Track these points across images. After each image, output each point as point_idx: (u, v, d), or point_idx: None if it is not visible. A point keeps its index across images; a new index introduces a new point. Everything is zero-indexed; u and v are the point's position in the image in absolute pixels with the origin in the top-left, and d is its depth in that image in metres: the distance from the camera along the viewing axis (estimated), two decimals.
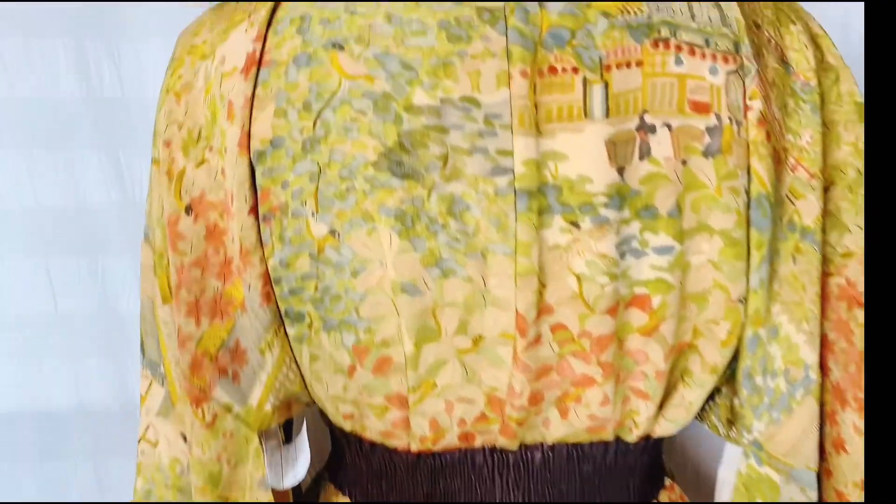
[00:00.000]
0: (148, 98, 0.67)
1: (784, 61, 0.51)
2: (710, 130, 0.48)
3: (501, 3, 0.47)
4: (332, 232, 0.48)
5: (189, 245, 0.51)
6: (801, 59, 0.51)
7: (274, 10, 0.49)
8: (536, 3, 0.47)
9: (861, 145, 0.53)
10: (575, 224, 0.48)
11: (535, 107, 0.47)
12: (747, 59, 0.48)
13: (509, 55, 0.46)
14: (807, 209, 0.51)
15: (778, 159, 0.50)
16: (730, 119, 0.48)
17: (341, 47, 0.47)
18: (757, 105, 0.49)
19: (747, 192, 0.49)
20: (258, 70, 0.48)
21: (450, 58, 0.46)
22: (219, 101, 0.50)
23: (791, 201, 0.51)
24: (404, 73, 0.46)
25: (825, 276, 0.52)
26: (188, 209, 0.51)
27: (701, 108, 0.48)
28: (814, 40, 0.52)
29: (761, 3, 0.51)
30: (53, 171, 0.82)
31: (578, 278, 0.48)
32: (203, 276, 0.51)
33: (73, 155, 0.82)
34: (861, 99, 0.53)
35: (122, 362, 0.83)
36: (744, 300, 0.50)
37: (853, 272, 0.53)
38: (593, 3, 0.47)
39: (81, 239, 0.82)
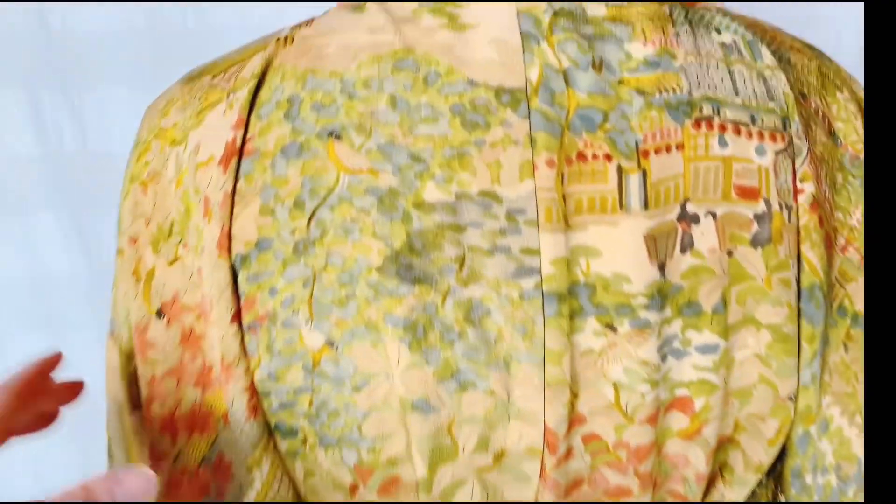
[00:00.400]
0: (115, 153, 0.60)
1: (832, 133, 0.46)
2: (758, 218, 0.43)
3: (522, 84, 0.41)
4: (330, 343, 0.42)
5: (161, 353, 0.45)
6: (850, 129, 0.46)
7: (257, 90, 0.42)
8: (562, 80, 0.41)
9: None
10: (611, 327, 0.42)
11: (563, 198, 0.41)
12: (797, 137, 0.43)
13: (533, 142, 0.40)
14: (858, 293, 0.46)
15: (829, 242, 0.45)
16: (780, 204, 0.43)
17: (338, 137, 0.41)
18: (808, 188, 0.43)
19: (798, 282, 0.44)
20: (239, 161, 0.42)
21: (465, 147, 0.40)
22: (193, 194, 0.43)
23: (841, 285, 0.46)
24: (413, 166, 0.40)
25: None
26: (160, 313, 0.45)
27: (748, 194, 0.43)
28: (861, 108, 0.47)
29: (806, 68, 0.46)
30: (9, 237, 0.74)
31: (615, 386, 0.43)
32: (179, 387, 0.45)
33: (31, 219, 0.74)
34: None
35: (88, 452, 0.75)
36: (794, 397, 0.46)
37: None
38: (626, 77, 0.41)
39: (40, 313, 0.75)
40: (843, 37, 0.75)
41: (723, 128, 0.42)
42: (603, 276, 0.42)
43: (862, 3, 0.71)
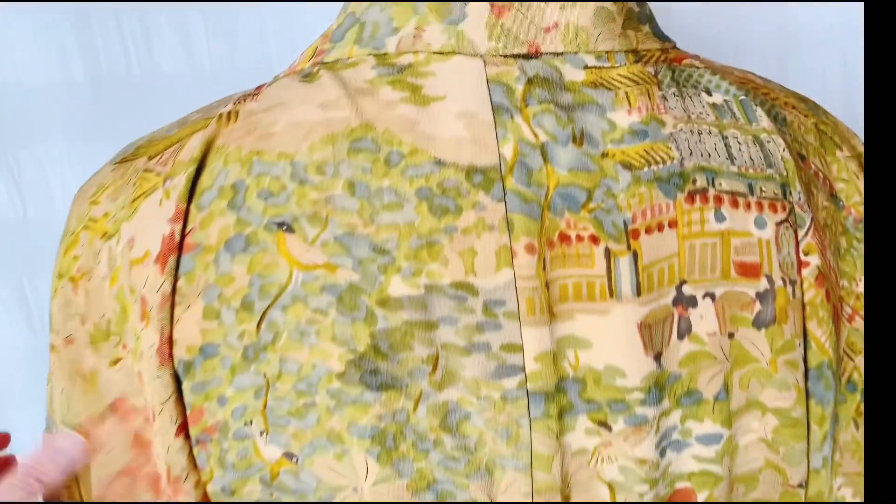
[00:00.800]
0: (56, 220, 0.55)
1: (833, 195, 0.42)
2: (760, 296, 0.39)
3: (496, 161, 0.36)
4: (289, 455, 0.37)
5: (111, 456, 0.40)
6: (852, 190, 0.42)
7: (197, 175, 0.37)
8: (539, 156, 0.36)
9: None
10: (604, 425, 0.38)
11: (546, 286, 0.36)
12: (799, 206, 0.39)
13: (510, 226, 0.36)
14: None
15: (836, 314, 0.41)
16: (783, 280, 0.39)
17: (290, 229, 0.36)
18: (814, 260, 0.39)
19: (805, 361, 0.40)
20: (178, 258, 0.37)
21: (435, 235, 0.36)
22: (128, 294, 0.38)
23: (850, 357, 0.43)
24: (376, 259, 0.35)
25: None
26: (108, 413, 0.40)
27: (749, 271, 0.39)
28: (863, 165, 0.43)
29: (803, 126, 0.42)
30: None
31: (610, 486, 0.39)
32: (132, 488, 0.41)
33: None
34: None
35: None
36: (805, 484, 0.42)
37: None
38: (610, 149, 0.37)
39: None
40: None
41: (719, 200, 0.38)
42: (594, 368, 0.37)
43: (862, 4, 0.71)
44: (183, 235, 0.36)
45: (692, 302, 0.38)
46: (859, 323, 0.43)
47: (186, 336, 0.37)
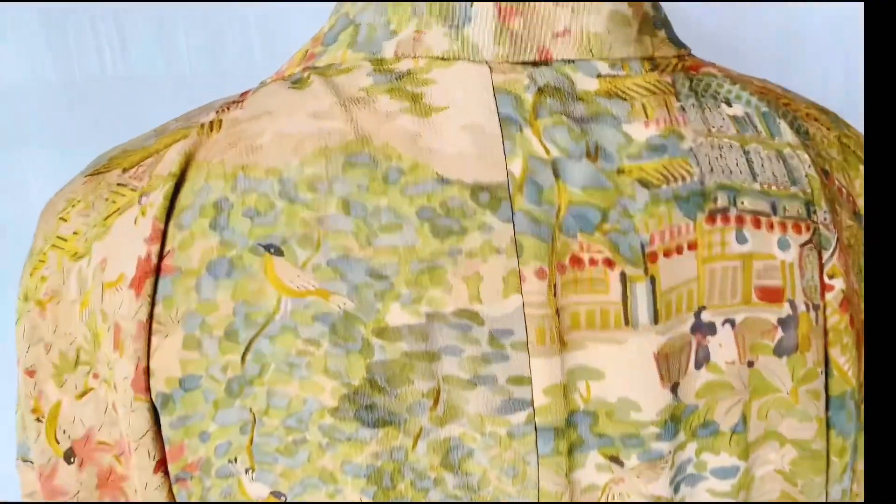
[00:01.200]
0: (29, 226, 0.52)
1: (856, 213, 0.40)
2: (782, 323, 0.36)
3: (503, 179, 0.33)
4: (277, 494, 0.35)
5: (76, 500, 0.37)
6: None
7: (176, 192, 0.34)
8: (550, 172, 0.34)
9: None
10: (616, 460, 0.35)
11: (557, 313, 0.34)
12: (825, 226, 0.37)
13: (519, 249, 0.33)
14: None
15: (859, 339, 0.39)
16: (806, 305, 0.36)
17: (279, 251, 0.33)
18: (838, 284, 0.37)
19: (826, 390, 0.38)
20: (156, 282, 0.33)
21: (437, 259, 0.33)
22: (101, 320, 0.35)
23: None
24: (373, 285, 0.33)
25: None
26: (69, 455, 0.37)
27: (771, 296, 0.36)
28: None
29: (826, 140, 0.39)
30: None
31: None
32: None
33: None
34: None
35: None
36: None
37: None
38: (626, 165, 0.34)
39: None
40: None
41: (740, 220, 0.35)
42: (607, 401, 0.35)
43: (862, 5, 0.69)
44: (161, 257, 0.33)
45: (711, 329, 0.35)
46: None
47: (165, 367, 0.34)
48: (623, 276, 0.34)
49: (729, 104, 0.37)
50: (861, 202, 0.40)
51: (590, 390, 0.35)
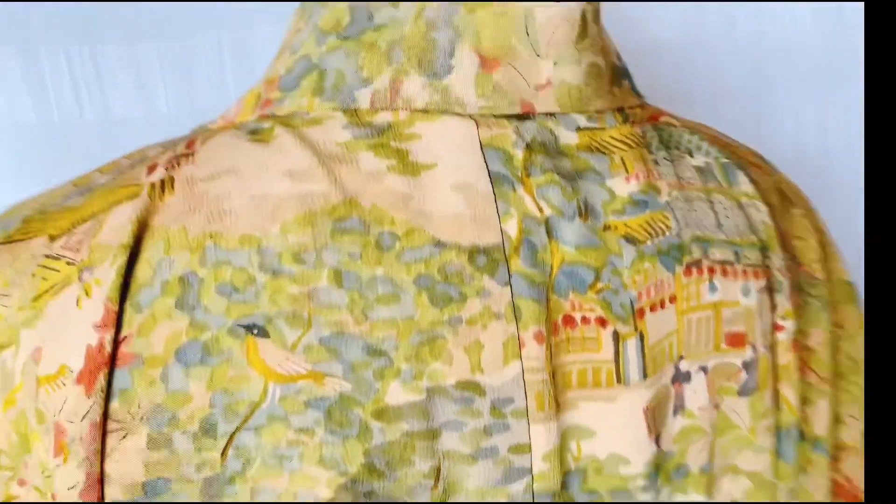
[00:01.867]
0: None
1: (792, 255, 0.42)
2: (746, 366, 0.38)
3: (499, 240, 0.32)
4: None
5: None
6: (807, 248, 0.42)
7: (132, 261, 0.29)
8: (544, 232, 0.32)
9: (851, 328, 0.45)
10: None
11: (552, 376, 0.33)
12: (779, 271, 0.38)
13: (517, 314, 0.32)
14: (817, 418, 0.43)
15: (803, 373, 0.41)
16: (764, 347, 0.38)
17: (263, 332, 0.29)
18: (790, 325, 0.39)
19: (777, 425, 0.40)
20: (111, 373, 0.28)
21: (437, 329, 0.30)
22: (34, 421, 0.29)
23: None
24: (372, 363, 0.30)
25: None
26: None
27: (736, 341, 0.37)
28: (815, 225, 0.44)
29: (768, 186, 0.41)
30: None
31: None
32: None
33: None
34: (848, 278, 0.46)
35: None
36: None
37: (850, 467, 0.46)
38: (612, 221, 0.34)
39: None
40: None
41: (712, 271, 0.36)
42: (596, 457, 0.34)
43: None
44: (117, 344, 0.28)
45: (687, 377, 0.36)
46: (812, 377, 0.43)
47: (124, 472, 0.29)
48: (615, 335, 0.33)
49: (691, 155, 0.38)
50: (794, 244, 0.43)
51: (580, 449, 0.34)
